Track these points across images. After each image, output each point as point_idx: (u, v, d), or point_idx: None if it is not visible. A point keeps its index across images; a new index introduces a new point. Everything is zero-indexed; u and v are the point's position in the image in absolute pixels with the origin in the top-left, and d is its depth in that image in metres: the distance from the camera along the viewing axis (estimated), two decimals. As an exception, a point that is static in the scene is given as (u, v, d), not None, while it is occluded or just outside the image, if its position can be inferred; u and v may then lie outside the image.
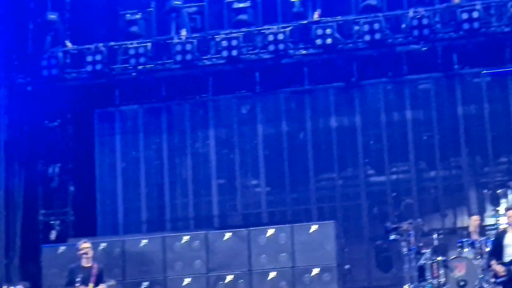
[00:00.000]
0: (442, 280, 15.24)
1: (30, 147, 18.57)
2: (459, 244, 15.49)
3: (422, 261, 15.69)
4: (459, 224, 17.68)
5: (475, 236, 15.62)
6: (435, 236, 15.99)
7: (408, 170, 18.16)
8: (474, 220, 16.29)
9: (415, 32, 17.44)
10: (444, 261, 15.38)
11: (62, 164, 18.61)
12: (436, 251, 15.77)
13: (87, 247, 14.68)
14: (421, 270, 15.68)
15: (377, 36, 17.55)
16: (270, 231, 16.12)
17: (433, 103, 18.22)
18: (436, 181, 18.03)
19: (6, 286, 17.15)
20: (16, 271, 17.92)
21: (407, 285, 15.97)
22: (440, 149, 18.07)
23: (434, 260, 15.57)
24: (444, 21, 17.69)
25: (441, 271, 15.28)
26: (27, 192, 18.42)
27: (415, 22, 17.42)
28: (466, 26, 17.32)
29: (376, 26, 17.57)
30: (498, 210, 16.63)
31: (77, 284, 14.38)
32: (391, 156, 18.19)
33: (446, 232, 17.08)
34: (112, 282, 14.60)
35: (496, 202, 17.53)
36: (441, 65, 18.07)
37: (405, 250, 16.15)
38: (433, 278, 15.45)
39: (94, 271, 14.58)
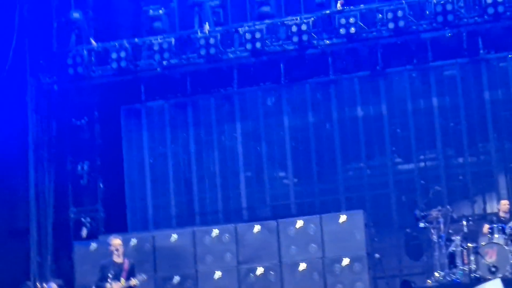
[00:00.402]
0: (473, 266, 15.19)
1: (58, 145, 18.71)
2: (489, 230, 15.44)
3: (452, 248, 15.66)
4: (488, 210, 17.58)
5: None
6: (464, 222, 15.95)
7: (436, 157, 18.08)
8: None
9: (439, 18, 17.34)
10: (474, 247, 15.34)
11: (90, 161, 18.73)
12: (466, 238, 15.72)
13: (118, 243, 14.76)
14: (452, 257, 15.65)
15: (401, 23, 17.46)
16: (299, 222, 16.12)
17: (459, 89, 18.10)
18: (464, 167, 17.92)
19: (39, 284, 17.31)
20: (49, 268, 18.07)
21: (437, 272, 15.94)
22: (467, 135, 17.95)
23: (464, 247, 15.53)
24: (469, 6, 17.55)
25: (472, 258, 15.24)
26: (57, 191, 18.57)
27: (439, 8, 17.32)
28: (490, 10, 17.18)
29: (400, 13, 17.48)
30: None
31: (109, 280, 14.49)
32: (419, 144, 18.11)
33: (476, 218, 17.00)
34: (143, 277, 14.66)
35: (525, 187, 17.45)
36: (467, 50, 17.94)
37: (435, 237, 16.12)
38: (464, 265, 15.42)
39: (125, 266, 14.66)
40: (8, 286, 17.01)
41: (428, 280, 16.05)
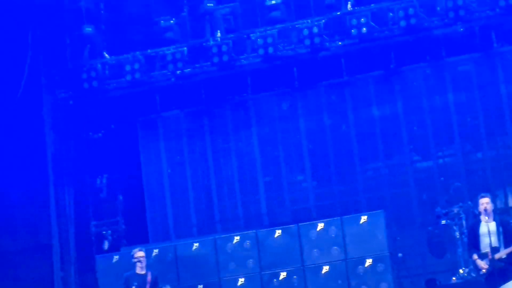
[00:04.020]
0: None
1: (76, 160, 18.78)
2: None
3: (475, 244, 15.54)
4: (510, 203, 17.48)
5: None
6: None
7: (455, 153, 18.00)
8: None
9: (451, 14, 17.28)
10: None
11: (109, 174, 18.79)
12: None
13: (141, 255, 14.84)
14: (475, 253, 15.53)
15: (413, 21, 17.41)
16: (320, 225, 16.10)
17: (475, 83, 18.02)
18: (484, 162, 17.84)
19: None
20: (73, 282, 18.12)
21: (462, 269, 15.86)
22: (485, 129, 17.86)
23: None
24: (480, 0, 17.48)
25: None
26: (77, 205, 18.64)
27: (450, 4, 17.24)
28: (502, 2, 17.10)
29: (411, 11, 17.42)
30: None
31: (132, 292, 14.56)
32: (436, 141, 18.04)
33: (498, 212, 16.87)
34: (167, 288, 14.76)
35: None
36: (480, 44, 17.86)
37: (457, 234, 16.04)
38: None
39: (149, 278, 14.73)
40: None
41: (453, 277, 15.98)
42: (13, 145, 17.84)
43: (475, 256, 13.90)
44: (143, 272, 14.86)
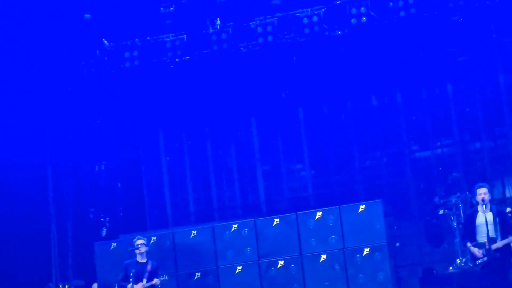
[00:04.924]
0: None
1: (75, 146, 18.77)
2: (510, 214, 15.35)
3: (473, 234, 15.58)
4: (507, 194, 17.52)
5: None
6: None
7: (453, 144, 18.03)
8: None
9: (450, 4, 17.24)
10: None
11: (107, 161, 18.79)
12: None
13: (141, 243, 14.87)
14: (473, 243, 15.58)
15: (412, 10, 17.37)
16: (318, 214, 16.12)
17: (473, 74, 18.02)
18: (482, 152, 17.88)
19: (61, 285, 17.40)
20: (70, 269, 18.15)
21: (459, 259, 15.90)
22: (483, 119, 17.89)
23: (485, 232, 15.45)
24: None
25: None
26: (75, 192, 18.65)
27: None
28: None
29: (410, 0, 17.40)
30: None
31: (131, 280, 14.58)
32: (435, 131, 18.07)
33: (495, 203, 16.91)
34: (165, 277, 14.77)
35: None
36: (480, 34, 17.85)
37: (455, 224, 16.08)
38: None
39: (149, 267, 14.78)
40: (31, 288, 17.14)
41: (450, 267, 16.03)
42: (11, 132, 17.83)
43: (468, 244, 13.95)
44: (144, 260, 14.90)
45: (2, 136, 17.78)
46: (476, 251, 13.72)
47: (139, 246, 14.81)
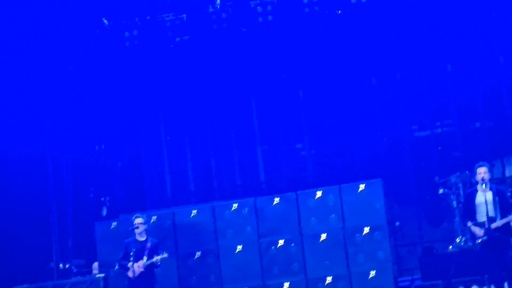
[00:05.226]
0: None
1: (75, 126, 18.75)
2: (509, 194, 15.38)
3: (472, 213, 15.60)
4: (507, 173, 17.53)
5: None
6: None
7: (453, 123, 18.03)
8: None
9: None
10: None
11: (107, 141, 18.78)
12: (486, 202, 15.65)
13: (139, 222, 14.90)
14: (472, 221, 15.60)
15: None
16: (318, 193, 16.10)
17: (473, 54, 17.99)
18: (481, 132, 17.87)
19: (62, 265, 17.43)
20: (71, 249, 18.18)
21: (458, 238, 15.94)
22: (483, 99, 17.87)
23: (485, 211, 15.47)
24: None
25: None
26: (75, 171, 18.64)
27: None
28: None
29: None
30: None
31: (131, 258, 14.61)
32: (434, 110, 18.05)
33: (495, 182, 16.94)
34: (164, 255, 14.78)
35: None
36: (479, 15, 17.80)
37: (454, 203, 16.10)
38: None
39: (148, 244, 14.80)
40: (31, 268, 17.14)
41: (450, 246, 16.06)
42: (11, 112, 17.81)
43: (469, 223, 13.98)
44: (143, 238, 14.93)
45: (1, 116, 17.76)
46: (477, 230, 13.75)
47: (138, 225, 14.84)
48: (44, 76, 18.33)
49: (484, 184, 13.89)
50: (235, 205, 16.36)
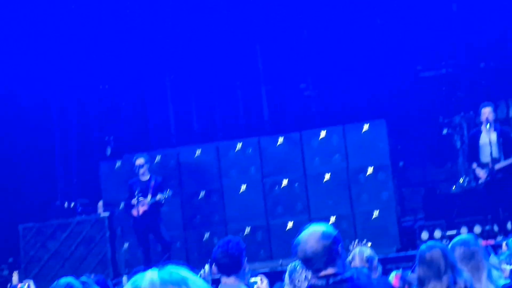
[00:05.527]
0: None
1: (79, 65, 18.66)
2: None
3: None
4: (511, 114, 17.47)
5: None
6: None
7: (458, 63, 17.92)
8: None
9: None
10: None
11: (111, 80, 18.72)
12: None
13: (141, 163, 14.94)
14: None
15: None
16: (322, 133, 16.09)
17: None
18: (486, 72, 17.77)
19: (66, 203, 17.52)
20: (75, 188, 18.26)
21: (461, 178, 15.99)
22: (489, 39, 17.74)
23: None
24: None
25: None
26: (80, 111, 18.63)
27: None
28: None
29: None
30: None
31: (135, 197, 14.70)
32: (440, 50, 17.93)
33: (499, 123, 16.89)
34: (168, 193, 14.85)
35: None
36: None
37: (458, 144, 16.10)
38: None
39: (152, 183, 14.87)
40: (36, 207, 17.24)
41: (453, 187, 16.11)
42: (15, 52, 17.73)
43: (474, 165, 14.00)
44: (147, 178, 14.99)
45: (6, 57, 17.68)
46: (482, 173, 13.79)
47: (139, 165, 14.88)
48: (48, 14, 18.19)
49: (488, 125, 13.88)
50: (239, 145, 16.35)
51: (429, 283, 6.06)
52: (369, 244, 9.37)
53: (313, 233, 5.41)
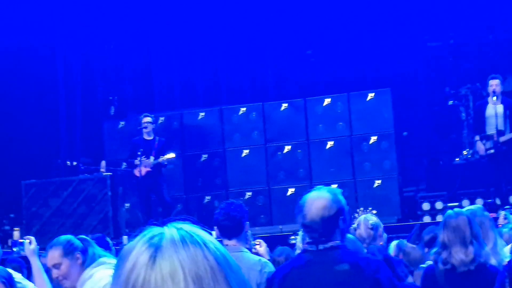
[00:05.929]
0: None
1: (84, 24, 18.54)
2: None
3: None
4: (518, 87, 17.40)
5: None
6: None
7: (466, 34, 17.79)
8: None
9: None
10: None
11: (116, 40, 18.62)
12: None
13: (148, 121, 14.86)
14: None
15: None
16: (327, 100, 16.04)
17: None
18: (495, 44, 17.65)
19: (69, 162, 17.52)
20: (78, 147, 18.25)
21: (465, 150, 15.95)
22: (498, 11, 17.58)
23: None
24: None
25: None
26: (84, 70, 18.54)
27: None
28: None
29: None
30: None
31: (138, 157, 14.64)
32: (447, 20, 17.79)
33: (506, 95, 16.80)
34: (171, 155, 14.79)
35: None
36: None
37: (463, 115, 16.04)
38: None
39: (156, 144, 14.81)
40: (39, 164, 17.25)
41: (456, 158, 16.08)
42: (20, 7, 17.60)
43: (477, 137, 13.96)
44: (151, 138, 14.92)
45: (10, 12, 17.55)
46: (481, 148, 13.75)
47: (146, 124, 14.79)
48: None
49: (495, 97, 13.81)
50: (243, 109, 16.30)
51: (453, 247, 6.06)
52: (375, 211, 9.34)
53: (317, 201, 5.35)
